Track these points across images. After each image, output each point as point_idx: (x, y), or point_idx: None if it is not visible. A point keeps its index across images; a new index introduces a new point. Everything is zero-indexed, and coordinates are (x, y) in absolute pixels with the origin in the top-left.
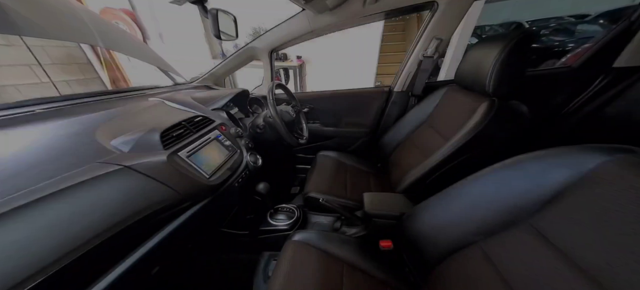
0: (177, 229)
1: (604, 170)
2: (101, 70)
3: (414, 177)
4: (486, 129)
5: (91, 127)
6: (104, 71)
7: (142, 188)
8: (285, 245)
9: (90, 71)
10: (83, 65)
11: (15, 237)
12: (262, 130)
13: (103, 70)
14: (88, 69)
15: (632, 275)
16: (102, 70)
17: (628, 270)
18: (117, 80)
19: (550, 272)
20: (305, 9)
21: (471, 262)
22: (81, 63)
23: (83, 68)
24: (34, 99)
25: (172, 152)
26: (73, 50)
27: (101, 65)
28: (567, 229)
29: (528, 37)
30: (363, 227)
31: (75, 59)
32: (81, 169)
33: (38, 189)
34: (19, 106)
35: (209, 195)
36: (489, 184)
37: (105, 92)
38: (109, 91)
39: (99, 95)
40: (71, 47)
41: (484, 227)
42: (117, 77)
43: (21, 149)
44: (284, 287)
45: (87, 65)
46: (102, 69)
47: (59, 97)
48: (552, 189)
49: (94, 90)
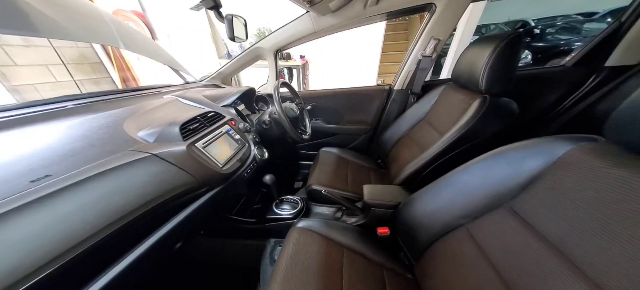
0: (196, 211)
1: (570, 156)
2: (112, 69)
3: (410, 170)
4: (478, 124)
5: (119, 121)
6: (114, 70)
7: (167, 173)
8: (289, 231)
9: (102, 70)
10: (95, 64)
11: (71, 209)
12: (268, 126)
13: (114, 70)
14: (100, 68)
15: (588, 244)
16: (113, 69)
17: (585, 240)
18: (127, 79)
19: (523, 245)
20: (309, 11)
21: (458, 242)
22: (93, 62)
23: (95, 67)
24: (64, 96)
25: (190, 143)
26: (85, 50)
27: (112, 64)
28: (538, 207)
29: (518, 38)
30: (362, 216)
31: (87, 59)
32: (116, 155)
33: (86, 170)
34: (54, 102)
35: (222, 183)
36: (475, 173)
37: (125, 90)
38: (129, 89)
39: (120, 92)
40: (83, 48)
41: (470, 211)
42: (127, 76)
43: (65, 137)
44: (289, 268)
45: (99, 65)
46: (113, 68)
47: (86, 95)
48: (529, 175)
49: (117, 89)
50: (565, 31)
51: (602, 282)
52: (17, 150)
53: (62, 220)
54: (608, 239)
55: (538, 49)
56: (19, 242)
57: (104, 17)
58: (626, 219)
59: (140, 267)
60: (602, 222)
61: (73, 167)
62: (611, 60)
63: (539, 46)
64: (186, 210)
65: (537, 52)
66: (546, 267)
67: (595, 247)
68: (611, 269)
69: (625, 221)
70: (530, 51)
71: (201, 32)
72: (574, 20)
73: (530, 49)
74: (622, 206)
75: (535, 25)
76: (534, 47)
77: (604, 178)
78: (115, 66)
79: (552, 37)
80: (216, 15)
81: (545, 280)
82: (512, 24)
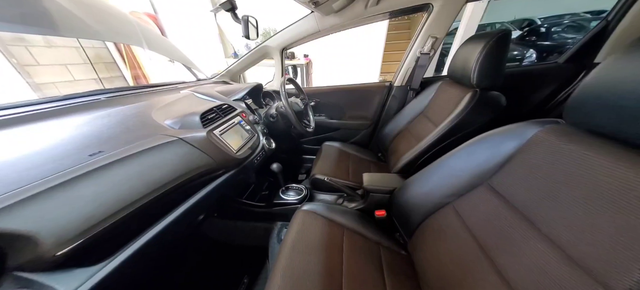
0: (214, 189)
1: (537, 137)
2: (124, 68)
3: (407, 159)
4: (468, 116)
5: (147, 111)
6: (127, 69)
7: (192, 155)
8: (295, 214)
9: (115, 69)
10: (109, 64)
11: (123, 177)
12: (275, 119)
13: (126, 69)
14: (113, 67)
15: (543, 207)
16: (125, 68)
17: (541, 204)
18: (138, 77)
19: (496, 214)
20: (314, 11)
21: (444, 218)
22: (107, 62)
23: (108, 66)
24: (98, 90)
25: (209, 130)
26: (100, 51)
27: (124, 63)
28: (510, 182)
29: (506, 36)
30: (362, 201)
31: (102, 59)
32: (151, 138)
33: (129, 148)
34: (91, 95)
35: (236, 167)
36: (461, 157)
37: (147, 85)
38: (150, 85)
39: (144, 87)
40: (98, 49)
41: (456, 190)
42: (138, 74)
43: (106, 123)
44: (294, 244)
45: (112, 64)
46: (125, 67)
47: (115, 89)
48: (505, 155)
49: (141, 84)
50: (571, 30)
51: (552, 236)
52: (71, 132)
53: (117, 185)
54: (557, 200)
55: (543, 48)
56: (91, 198)
57: (130, 19)
58: (570, 183)
59: (175, 229)
60: (554, 187)
61: (118, 146)
62: (599, 57)
63: (545, 45)
64: (207, 187)
65: (543, 51)
66: (512, 229)
67: (548, 208)
68: (558, 224)
69: (569, 184)
70: (535, 50)
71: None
72: (581, 18)
73: (536, 47)
74: (568, 172)
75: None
76: (540, 45)
77: (559, 152)
78: (127, 65)
79: (558, 35)
80: (233, 16)
81: (512, 239)
82: (518, 22)
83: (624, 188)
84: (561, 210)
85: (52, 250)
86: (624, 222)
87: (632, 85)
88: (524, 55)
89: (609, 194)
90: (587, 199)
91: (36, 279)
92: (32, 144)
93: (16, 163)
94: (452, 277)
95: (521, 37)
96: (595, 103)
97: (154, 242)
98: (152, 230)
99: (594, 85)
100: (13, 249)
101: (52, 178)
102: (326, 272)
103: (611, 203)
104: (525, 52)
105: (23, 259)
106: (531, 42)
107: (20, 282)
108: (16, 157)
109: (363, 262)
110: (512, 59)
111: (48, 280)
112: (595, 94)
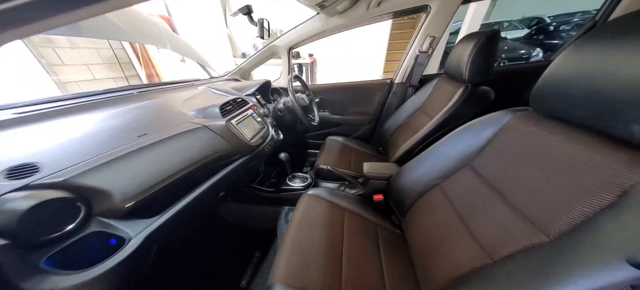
0: (231, 171)
1: (509, 122)
2: (139, 68)
3: (404, 149)
4: (460, 109)
5: (174, 103)
6: (142, 68)
7: (214, 139)
8: (301, 198)
9: (131, 69)
10: (126, 64)
11: (165, 155)
12: (282, 113)
13: (141, 68)
14: (129, 66)
15: (509, 179)
16: (140, 67)
17: (508, 176)
18: (151, 75)
19: (474, 189)
20: (320, 13)
21: (433, 198)
22: (124, 62)
23: (126, 66)
24: (129, 86)
25: (227, 119)
26: (118, 51)
27: (140, 63)
28: (487, 162)
29: (494, 35)
30: (362, 188)
31: (119, 59)
32: (181, 125)
33: (167, 132)
34: (124, 90)
35: (250, 153)
36: (449, 144)
37: (170, 82)
38: (172, 81)
39: (167, 84)
40: (116, 50)
41: (444, 173)
42: (152, 73)
43: (144, 112)
44: (300, 223)
45: (129, 64)
46: (140, 66)
47: (143, 85)
48: (485, 140)
49: (166, 81)
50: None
51: (513, 200)
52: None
53: (161, 161)
54: (519, 172)
55: (551, 47)
56: (144, 168)
57: (156, 23)
58: (529, 157)
59: (202, 200)
60: (518, 162)
61: (158, 130)
62: None
63: (553, 44)
64: (226, 169)
65: (549, 50)
66: (486, 200)
67: (512, 179)
68: (518, 190)
69: (529, 158)
70: (542, 49)
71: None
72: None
73: (543, 47)
74: (529, 149)
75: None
76: (547, 44)
77: (523, 134)
78: (142, 64)
79: (566, 34)
80: (249, 19)
81: (483, 207)
82: (526, 21)
83: (568, 159)
84: (521, 180)
85: (121, 204)
86: (562, 184)
87: (576, 75)
88: (531, 54)
89: (557, 164)
90: (541, 169)
91: (113, 223)
92: (95, 126)
93: (86, 140)
94: (435, 243)
95: (529, 35)
96: (551, 92)
97: (187, 208)
98: (186, 198)
99: (550, 76)
100: (95, 200)
101: (115, 152)
102: (329, 244)
103: (558, 171)
104: (532, 51)
105: (102, 208)
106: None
107: (103, 225)
108: (85, 135)
109: (361, 238)
110: (519, 58)
111: (120, 225)
112: (551, 85)
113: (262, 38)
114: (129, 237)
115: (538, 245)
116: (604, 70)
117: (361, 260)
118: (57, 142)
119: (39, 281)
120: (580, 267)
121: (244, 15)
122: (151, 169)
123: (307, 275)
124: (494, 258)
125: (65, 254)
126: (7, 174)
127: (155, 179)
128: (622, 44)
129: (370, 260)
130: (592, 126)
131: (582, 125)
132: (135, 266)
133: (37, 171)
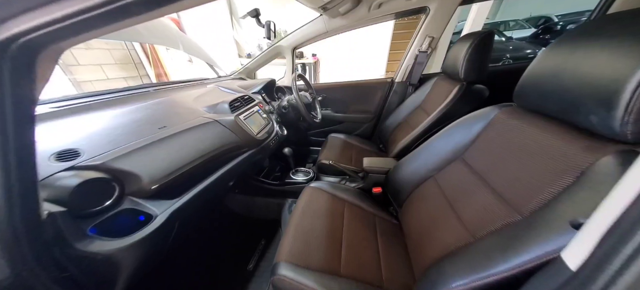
0: (239, 163)
1: (496, 117)
2: (149, 68)
3: (402, 145)
4: (455, 106)
5: (187, 99)
6: (151, 68)
7: (224, 133)
8: (304, 190)
9: (142, 68)
10: (137, 64)
11: (182, 145)
12: (286, 110)
13: (151, 68)
14: (140, 66)
15: (496, 168)
16: (149, 67)
17: (493, 166)
18: (160, 75)
19: (465, 180)
20: (323, 14)
21: (427, 189)
22: (135, 62)
23: (137, 66)
24: (145, 84)
25: (236, 115)
26: (130, 52)
27: (149, 63)
28: (476, 154)
29: (489, 36)
30: (362, 182)
31: (131, 59)
32: (196, 119)
33: (183, 125)
34: (142, 88)
35: (256, 147)
36: (443, 138)
37: (181, 81)
38: (183, 80)
39: (179, 82)
40: (128, 50)
41: (438, 165)
42: (160, 72)
43: (161, 107)
44: (303, 212)
45: (139, 64)
46: (150, 66)
47: (158, 83)
48: (475, 134)
49: (177, 80)
50: None
51: (495, 186)
52: (142, 112)
53: (180, 150)
54: (502, 161)
55: None
56: (165, 156)
57: (170, 25)
58: (511, 147)
59: (213, 188)
60: (502, 152)
61: (175, 124)
62: None
63: None
64: (235, 160)
65: None
66: (473, 188)
67: (496, 168)
68: (500, 177)
69: (510, 148)
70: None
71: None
72: None
73: None
74: (511, 140)
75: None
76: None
77: (507, 127)
78: (152, 65)
79: None
80: (257, 21)
81: (469, 193)
82: (533, 20)
83: (543, 147)
84: (504, 168)
85: (148, 185)
86: (537, 170)
87: (549, 73)
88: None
89: (533, 152)
90: (520, 158)
91: (141, 202)
92: (122, 119)
93: (115, 131)
94: (427, 228)
95: (536, 35)
96: (530, 88)
97: (203, 192)
98: (202, 184)
99: (530, 74)
100: (127, 181)
101: (142, 141)
102: (329, 231)
103: (533, 158)
104: (538, 50)
105: (133, 189)
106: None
107: (133, 203)
108: (114, 126)
109: (360, 227)
110: (524, 58)
111: (148, 204)
112: (530, 81)
113: (268, 39)
114: (156, 214)
115: (513, 223)
116: (568, 69)
117: (359, 246)
118: (91, 132)
119: (88, 244)
120: (539, 236)
121: (253, 18)
122: (172, 157)
123: (309, 256)
124: (476, 237)
125: (105, 225)
126: (56, 157)
127: (176, 165)
128: (583, 45)
129: (368, 245)
130: (563, 118)
131: (555, 118)
132: (160, 239)
133: (78, 155)
